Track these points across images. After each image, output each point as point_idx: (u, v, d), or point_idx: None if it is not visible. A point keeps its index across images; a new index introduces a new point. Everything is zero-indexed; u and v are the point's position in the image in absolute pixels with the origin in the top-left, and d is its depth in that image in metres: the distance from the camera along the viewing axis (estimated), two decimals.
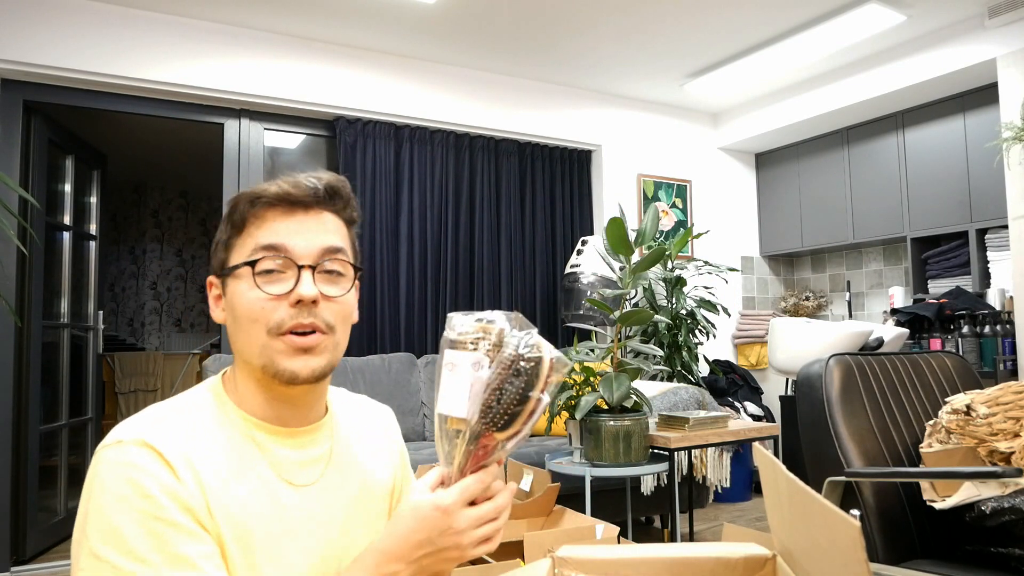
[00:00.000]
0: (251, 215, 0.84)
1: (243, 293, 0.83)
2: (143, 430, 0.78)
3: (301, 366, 0.82)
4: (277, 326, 0.81)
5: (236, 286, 0.84)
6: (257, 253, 0.82)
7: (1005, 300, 3.68)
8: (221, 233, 0.88)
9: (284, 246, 0.83)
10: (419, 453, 3.24)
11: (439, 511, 0.76)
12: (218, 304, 0.89)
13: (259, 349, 0.82)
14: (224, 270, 0.86)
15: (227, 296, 0.86)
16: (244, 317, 0.82)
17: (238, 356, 0.86)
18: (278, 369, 0.82)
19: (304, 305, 0.82)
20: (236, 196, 0.87)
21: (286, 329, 0.81)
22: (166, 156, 6.14)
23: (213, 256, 0.89)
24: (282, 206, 0.84)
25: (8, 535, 3.12)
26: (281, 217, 0.84)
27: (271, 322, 0.81)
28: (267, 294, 0.82)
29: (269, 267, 0.82)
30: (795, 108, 4.52)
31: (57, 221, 3.63)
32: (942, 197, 4.03)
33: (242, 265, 0.83)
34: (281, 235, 0.83)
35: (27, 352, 3.27)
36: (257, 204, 0.84)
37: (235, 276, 0.84)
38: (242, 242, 0.85)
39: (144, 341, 7.10)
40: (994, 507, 1.49)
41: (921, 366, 2.00)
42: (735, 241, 5.10)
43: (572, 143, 4.58)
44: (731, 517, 3.90)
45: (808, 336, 3.78)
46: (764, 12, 3.57)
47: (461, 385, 0.75)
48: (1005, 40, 3.49)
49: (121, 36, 3.35)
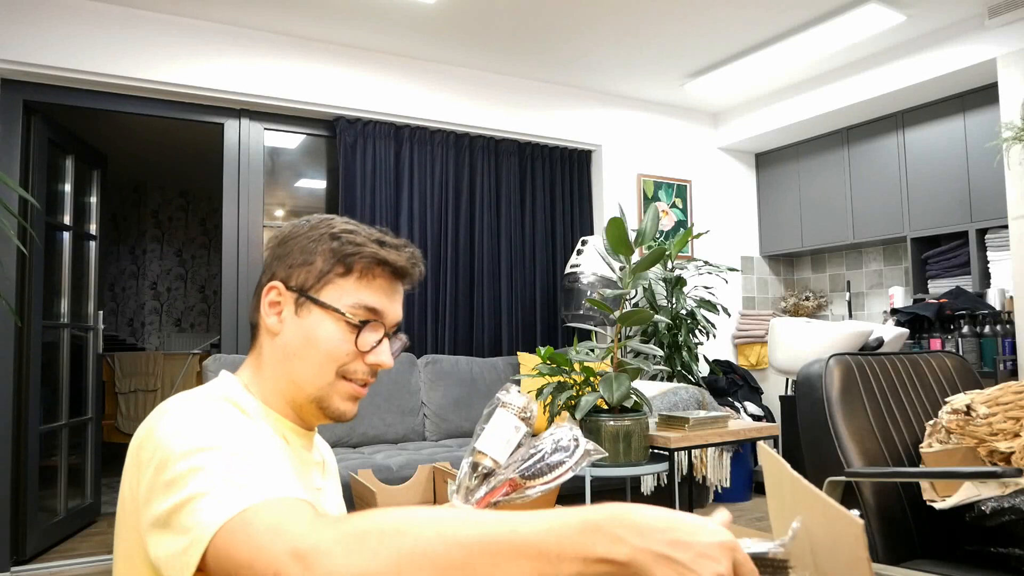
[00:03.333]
0: (367, 269, 0.88)
1: (330, 333, 0.86)
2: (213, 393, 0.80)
3: (350, 409, 0.91)
4: (350, 373, 0.88)
5: (322, 320, 0.87)
6: (359, 310, 0.87)
7: (1005, 300, 3.68)
8: (318, 259, 0.88)
9: (384, 314, 0.89)
10: (419, 453, 3.25)
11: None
12: (276, 312, 0.89)
13: (323, 383, 0.87)
14: (309, 295, 0.87)
15: (300, 319, 0.87)
16: (322, 353, 0.86)
17: (285, 376, 0.88)
18: (331, 406, 0.88)
19: (375, 373, 0.91)
20: (356, 240, 0.89)
21: (356, 380, 0.89)
22: (166, 156, 6.14)
23: (288, 264, 0.89)
24: (394, 275, 0.91)
25: (8, 535, 3.12)
26: (387, 282, 0.90)
27: (347, 369, 0.88)
28: (355, 348, 0.87)
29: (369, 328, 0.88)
30: (795, 108, 4.52)
31: (57, 221, 3.63)
32: (942, 197, 4.03)
33: (340, 312, 0.86)
34: (384, 302, 0.90)
35: (27, 352, 3.27)
36: (379, 266, 0.89)
37: (323, 308, 0.87)
38: (344, 285, 0.88)
39: (144, 341, 7.11)
40: (994, 507, 1.49)
41: (921, 366, 2.00)
42: (735, 241, 5.09)
43: (572, 143, 4.58)
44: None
45: (808, 336, 3.78)
46: (764, 12, 3.57)
47: (502, 436, 0.97)
48: (1005, 40, 3.49)
49: (121, 36, 3.35)
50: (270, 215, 4.02)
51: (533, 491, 0.95)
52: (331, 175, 4.21)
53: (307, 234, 0.90)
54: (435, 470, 2.83)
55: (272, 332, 0.89)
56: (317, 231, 0.90)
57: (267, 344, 0.89)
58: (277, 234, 0.94)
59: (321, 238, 0.89)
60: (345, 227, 0.90)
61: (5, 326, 3.17)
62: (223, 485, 0.64)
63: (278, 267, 0.90)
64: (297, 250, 0.89)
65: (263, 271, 0.93)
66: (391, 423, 3.59)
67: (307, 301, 0.87)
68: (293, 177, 4.36)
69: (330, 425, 3.41)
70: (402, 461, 3.05)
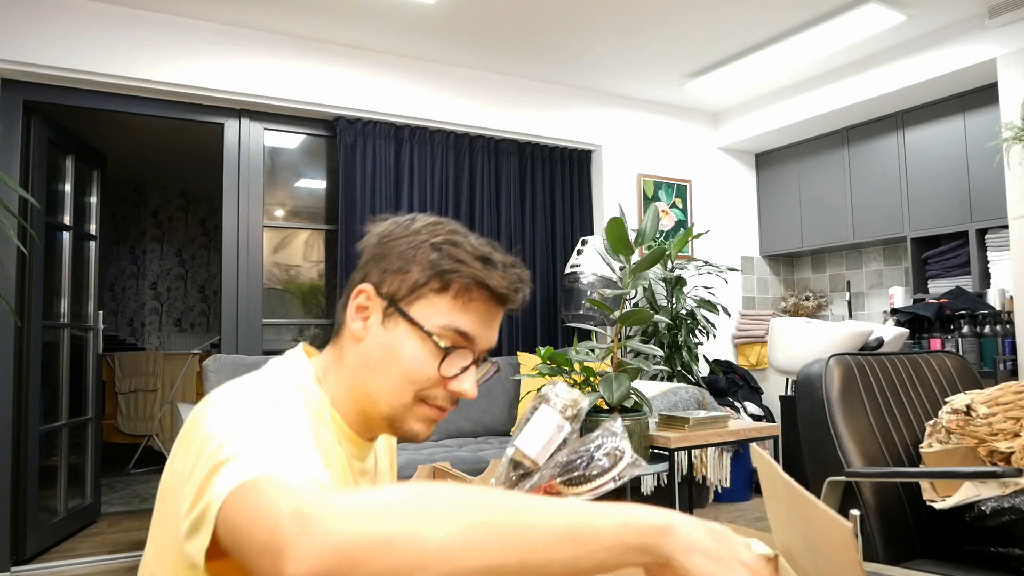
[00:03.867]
0: (464, 290, 0.81)
1: (414, 353, 0.81)
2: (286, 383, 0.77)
3: (424, 432, 0.84)
4: (429, 397, 0.82)
5: (407, 336, 0.81)
6: (449, 333, 0.81)
7: (1005, 300, 3.68)
8: (415, 268, 0.82)
9: (475, 340, 0.82)
10: (419, 453, 3.25)
11: None
12: (363, 318, 0.84)
13: (399, 404, 0.82)
14: (399, 307, 0.82)
15: (386, 331, 0.82)
16: (402, 372, 0.81)
17: (361, 385, 0.82)
18: (404, 427, 0.83)
19: (456, 401, 0.84)
20: (458, 256, 0.82)
21: (435, 404, 0.83)
22: (166, 156, 6.14)
23: (383, 268, 0.84)
24: (494, 300, 0.83)
25: (8, 535, 3.12)
26: (484, 306, 0.83)
27: (426, 393, 0.82)
28: (438, 373, 0.81)
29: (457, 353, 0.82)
30: (795, 108, 4.52)
31: (57, 221, 3.63)
32: (942, 197, 4.03)
33: (427, 333, 0.80)
34: (477, 327, 0.82)
35: (27, 352, 3.27)
36: (478, 288, 0.82)
37: (410, 324, 0.81)
38: (437, 303, 0.81)
39: (144, 341, 7.11)
40: (994, 507, 1.49)
41: (921, 366, 2.00)
42: (735, 241, 5.10)
43: (572, 143, 4.58)
44: (731, 517, 3.90)
45: (808, 336, 3.78)
46: (764, 12, 3.57)
47: (542, 435, 0.90)
48: (1005, 40, 3.49)
49: (121, 36, 3.35)
50: (270, 215, 4.02)
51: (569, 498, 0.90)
52: (331, 175, 4.21)
53: (408, 238, 0.84)
54: (435, 470, 2.83)
55: (356, 337, 0.83)
56: (418, 237, 0.83)
57: (349, 346, 0.84)
58: (378, 230, 0.87)
59: (421, 246, 0.82)
60: (449, 237, 0.83)
61: (5, 326, 3.17)
62: (248, 456, 0.61)
63: (372, 269, 0.84)
64: (395, 254, 0.83)
65: (358, 267, 0.87)
66: None
67: (396, 313, 0.81)
68: (293, 177, 4.36)
69: None
70: (402, 461, 3.05)
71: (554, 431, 0.91)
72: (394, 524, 0.52)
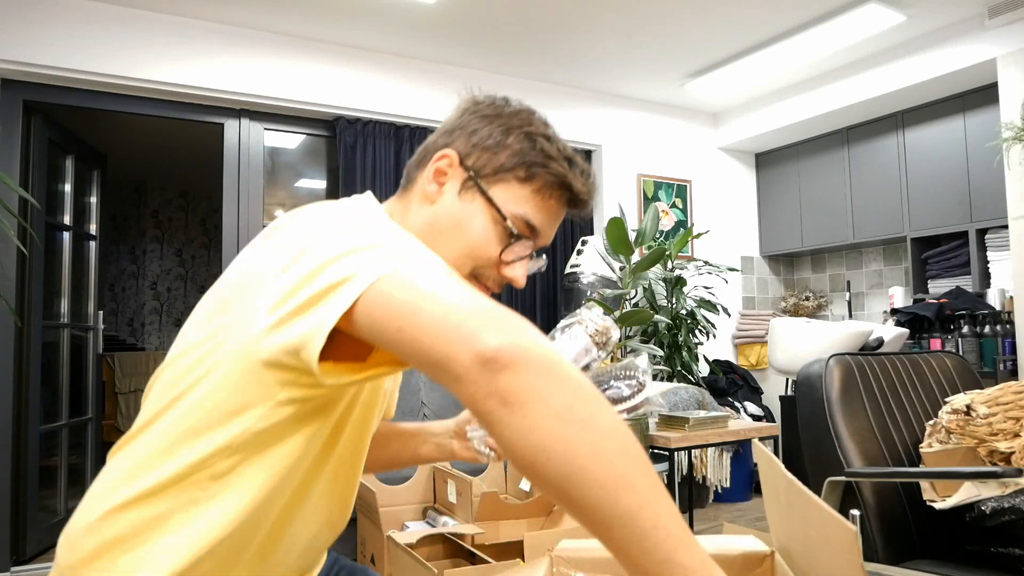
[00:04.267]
0: (546, 187, 0.84)
1: (482, 231, 0.82)
2: None
3: None
4: (483, 276, 0.85)
5: (480, 213, 0.82)
6: (520, 223, 0.83)
7: (1005, 300, 3.68)
8: (504, 152, 0.83)
9: (540, 234, 0.85)
10: None
11: None
12: (439, 182, 0.84)
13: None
14: (480, 184, 0.83)
15: (461, 201, 0.83)
16: (466, 245, 0.82)
17: (419, 234, 0.82)
18: None
19: (503, 286, 0.86)
20: (549, 152, 0.83)
21: (485, 284, 0.85)
22: (166, 156, 6.14)
23: (473, 141, 0.84)
24: (568, 202, 0.86)
25: (8, 535, 3.12)
26: (558, 205, 0.86)
27: (482, 271, 0.84)
28: (496, 256, 0.83)
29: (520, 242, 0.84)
30: (795, 108, 4.52)
31: (57, 221, 3.63)
32: (942, 197, 4.03)
33: (502, 216, 0.82)
34: (546, 225, 0.85)
35: (27, 352, 3.27)
36: (560, 188, 0.84)
37: (487, 203, 0.82)
38: (518, 191, 0.83)
39: (144, 341, 7.11)
40: (994, 507, 1.49)
41: (921, 366, 2.00)
42: (735, 241, 5.09)
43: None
44: (731, 517, 3.90)
45: (808, 336, 3.78)
46: (764, 12, 3.57)
47: (568, 353, 0.90)
48: (1005, 40, 3.48)
49: (121, 36, 3.35)
50: (270, 215, 4.02)
51: None
52: (331, 175, 4.21)
53: (502, 119, 0.84)
54: (435, 470, 2.83)
55: (428, 198, 0.84)
56: (514, 121, 0.84)
57: (417, 204, 0.85)
58: (475, 98, 0.88)
59: (514, 131, 0.84)
60: (542, 131, 0.85)
61: (5, 326, 3.17)
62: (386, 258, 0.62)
63: (460, 138, 0.85)
64: (486, 132, 0.84)
65: (443, 131, 0.88)
66: None
67: (475, 188, 0.82)
68: (293, 177, 4.36)
69: None
70: None
71: (581, 352, 0.91)
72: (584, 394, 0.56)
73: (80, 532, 0.75)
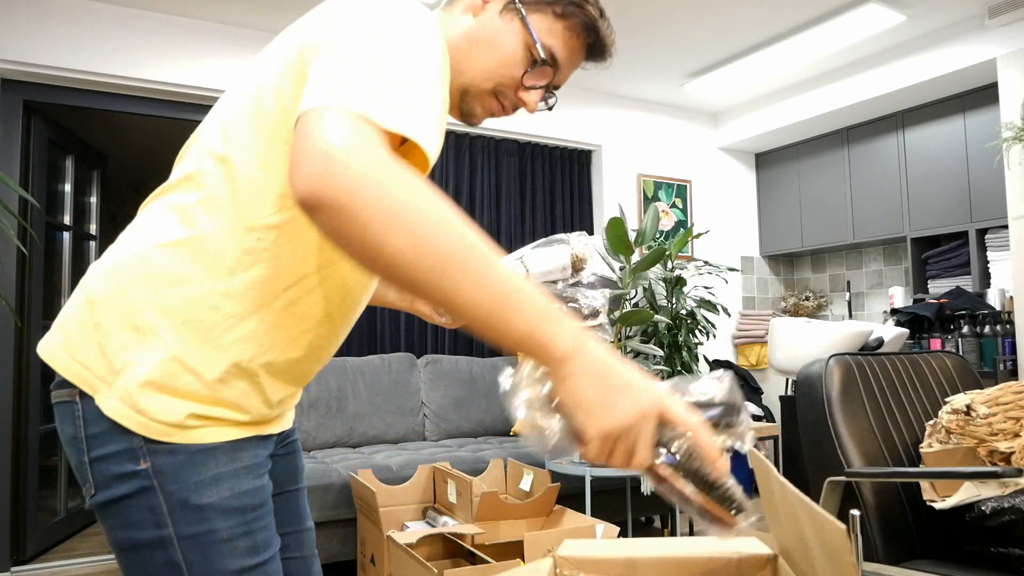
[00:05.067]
0: (576, 28, 0.91)
1: (512, 51, 0.89)
2: None
3: (480, 117, 0.95)
4: (500, 94, 0.92)
5: (515, 35, 0.89)
6: (548, 53, 0.90)
7: (1005, 300, 3.68)
8: None
9: (559, 71, 0.93)
10: (419, 453, 3.24)
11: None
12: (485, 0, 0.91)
13: (479, 84, 0.90)
14: (521, 9, 0.89)
15: (501, 20, 0.90)
16: (495, 61, 0.89)
17: (454, 51, 0.90)
18: (472, 104, 0.93)
19: (516, 109, 0.94)
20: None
21: (501, 101, 0.93)
22: (166, 156, 6.13)
23: None
24: (589, 48, 0.94)
25: (8, 535, 3.12)
26: (580, 48, 0.93)
27: (502, 90, 0.91)
28: (518, 78, 0.90)
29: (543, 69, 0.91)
30: (795, 108, 4.52)
31: (57, 221, 3.63)
32: (942, 197, 4.03)
33: (534, 41, 0.89)
34: (568, 63, 0.93)
35: (27, 352, 3.27)
36: (587, 33, 0.92)
37: (524, 27, 0.89)
38: (551, 25, 0.90)
39: None
40: (994, 507, 1.50)
41: (921, 366, 2.01)
42: (735, 241, 5.10)
43: (572, 143, 4.57)
44: None
45: (808, 336, 3.78)
46: (764, 12, 3.57)
47: (547, 263, 1.01)
48: (1005, 40, 3.49)
49: (121, 36, 3.35)
50: None
51: None
52: None
53: None
54: (435, 470, 2.83)
55: (472, 9, 0.91)
56: None
57: (459, 14, 0.91)
58: None
59: None
60: None
61: (5, 326, 3.17)
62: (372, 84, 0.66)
63: None
64: None
65: None
66: (391, 423, 3.59)
67: (516, 12, 0.89)
68: None
69: (329, 424, 3.41)
70: (402, 461, 3.05)
71: (558, 268, 1.01)
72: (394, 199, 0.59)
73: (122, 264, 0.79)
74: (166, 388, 0.76)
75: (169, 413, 0.76)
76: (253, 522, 0.81)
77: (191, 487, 0.76)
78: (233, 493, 0.79)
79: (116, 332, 0.77)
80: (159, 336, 0.76)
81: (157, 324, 0.77)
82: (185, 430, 0.77)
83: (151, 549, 0.77)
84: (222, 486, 0.78)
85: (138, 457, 0.75)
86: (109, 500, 0.77)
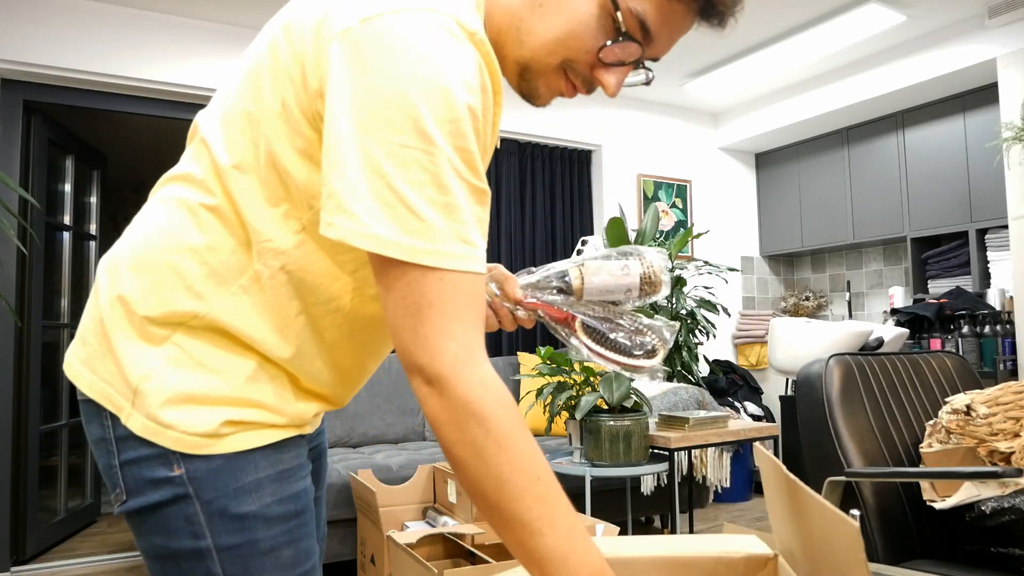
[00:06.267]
0: None
1: (586, 18, 0.70)
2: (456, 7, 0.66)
3: (546, 98, 0.78)
4: (571, 71, 0.74)
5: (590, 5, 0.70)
6: (633, 21, 0.70)
7: (1005, 300, 3.68)
8: None
9: (651, 44, 0.72)
10: (419, 453, 3.24)
11: None
12: None
13: (543, 58, 0.73)
14: None
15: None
16: (566, 29, 0.71)
17: (515, 20, 0.73)
18: (533, 82, 0.76)
19: (592, 89, 0.76)
20: None
21: (573, 78, 0.75)
22: (166, 156, 6.13)
23: None
24: (701, 9, 0.72)
25: (8, 535, 3.12)
26: (684, 11, 0.71)
27: (573, 65, 0.74)
28: (593, 52, 0.72)
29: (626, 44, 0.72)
30: (795, 108, 4.52)
31: (57, 221, 3.63)
32: (942, 197, 4.03)
33: (615, 5, 0.69)
34: (663, 33, 0.72)
35: (27, 352, 3.27)
36: None
37: None
38: None
39: None
40: (994, 507, 1.50)
41: (921, 366, 2.01)
42: (735, 241, 5.10)
43: (572, 143, 4.57)
44: (731, 517, 3.90)
45: (808, 336, 3.78)
46: (764, 12, 3.57)
47: (611, 280, 0.88)
48: (1005, 40, 3.49)
49: (121, 36, 3.35)
50: None
51: (575, 343, 0.86)
52: None
53: None
54: (435, 470, 2.83)
55: None
56: None
57: None
58: None
59: None
60: None
61: (5, 326, 3.17)
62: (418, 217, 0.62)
63: None
64: None
65: None
66: (391, 423, 3.59)
67: None
68: None
69: (329, 424, 3.41)
70: (402, 461, 3.05)
71: (621, 288, 0.87)
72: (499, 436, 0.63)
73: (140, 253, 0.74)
74: (192, 398, 0.71)
75: (200, 424, 0.70)
76: (296, 530, 0.75)
77: (231, 494, 0.71)
78: (276, 499, 0.73)
79: (128, 341, 0.72)
80: (174, 343, 0.72)
81: (170, 330, 0.72)
82: (221, 438, 0.71)
83: (188, 560, 0.72)
84: (263, 492, 0.73)
85: (171, 462, 0.70)
86: (142, 507, 0.72)
